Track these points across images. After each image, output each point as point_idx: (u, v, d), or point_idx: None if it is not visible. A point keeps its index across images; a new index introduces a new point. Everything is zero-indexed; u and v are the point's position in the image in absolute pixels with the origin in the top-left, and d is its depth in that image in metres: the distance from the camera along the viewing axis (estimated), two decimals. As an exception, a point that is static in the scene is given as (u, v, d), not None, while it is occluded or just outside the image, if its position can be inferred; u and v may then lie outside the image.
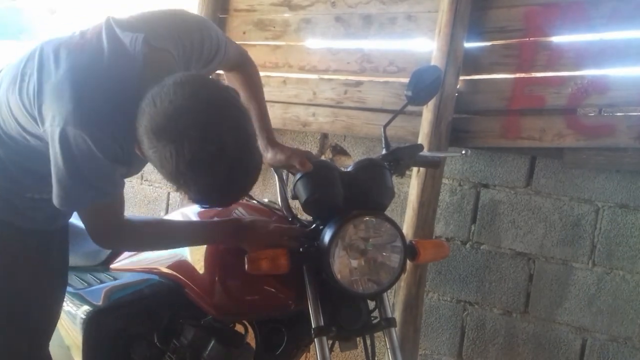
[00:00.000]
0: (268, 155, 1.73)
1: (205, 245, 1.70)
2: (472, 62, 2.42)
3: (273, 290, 1.65)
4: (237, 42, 1.83)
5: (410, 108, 1.90)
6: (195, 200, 1.39)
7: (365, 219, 1.52)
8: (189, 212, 1.84)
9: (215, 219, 1.73)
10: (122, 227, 1.53)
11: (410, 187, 2.45)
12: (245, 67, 1.81)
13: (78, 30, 1.48)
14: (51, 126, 1.34)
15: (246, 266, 1.50)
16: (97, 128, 1.34)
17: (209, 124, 1.21)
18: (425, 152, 1.94)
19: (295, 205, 1.71)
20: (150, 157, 1.26)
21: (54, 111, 1.34)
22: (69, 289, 1.96)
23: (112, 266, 1.99)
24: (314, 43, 2.81)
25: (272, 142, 1.76)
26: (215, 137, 1.20)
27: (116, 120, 1.34)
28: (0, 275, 1.59)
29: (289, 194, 1.66)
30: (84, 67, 1.38)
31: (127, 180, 1.54)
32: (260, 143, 1.75)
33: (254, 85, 1.82)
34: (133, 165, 1.50)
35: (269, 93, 2.64)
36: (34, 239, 1.61)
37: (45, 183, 1.45)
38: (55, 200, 1.42)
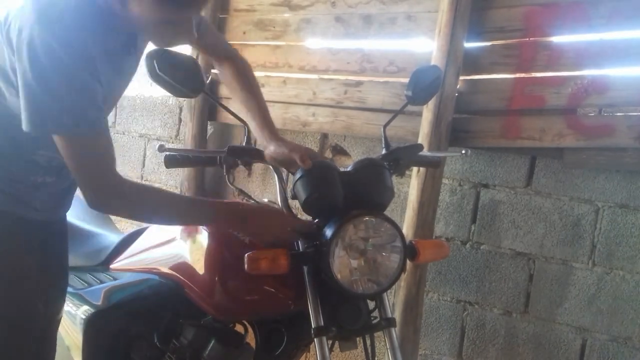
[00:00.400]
0: (270, 148, 1.69)
1: (205, 245, 1.70)
2: (472, 62, 2.42)
3: (273, 290, 1.65)
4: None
5: (410, 108, 1.90)
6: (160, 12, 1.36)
7: (365, 219, 1.52)
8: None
9: None
10: (112, 179, 1.43)
11: (410, 187, 2.45)
12: (237, 61, 1.81)
13: None
14: (17, 42, 1.32)
15: (246, 266, 1.50)
16: (65, 31, 1.31)
17: None
18: (425, 152, 1.94)
19: (295, 205, 1.71)
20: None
21: (19, 26, 1.32)
22: (69, 289, 1.97)
23: (112, 266, 1.99)
24: (314, 43, 2.82)
25: (275, 136, 1.73)
26: None
27: (84, 29, 1.34)
28: (4, 264, 1.56)
29: (289, 194, 1.66)
30: None
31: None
32: (263, 137, 1.74)
33: (250, 78, 1.82)
34: (110, 91, 1.46)
35: (269, 93, 2.65)
36: (37, 229, 1.59)
37: (36, 157, 1.42)
38: (26, 125, 1.34)
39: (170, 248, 1.82)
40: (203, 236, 1.72)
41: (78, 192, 1.53)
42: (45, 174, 1.56)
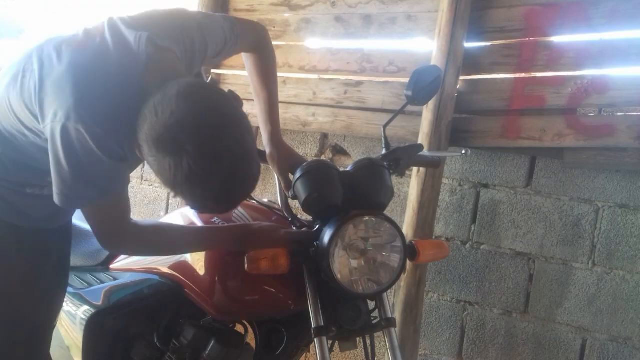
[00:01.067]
0: (267, 151, 1.73)
1: (207, 250, 1.70)
2: (472, 62, 2.41)
3: (273, 290, 1.65)
4: (253, 21, 1.80)
5: (410, 108, 1.90)
6: (191, 207, 1.40)
7: (365, 219, 1.52)
8: (189, 212, 1.84)
9: (215, 219, 1.73)
10: (128, 230, 1.50)
11: (410, 187, 2.45)
12: (261, 51, 1.78)
13: (81, 29, 1.48)
14: (52, 122, 1.34)
15: (246, 266, 1.50)
16: (97, 125, 1.33)
17: (207, 140, 1.23)
18: (425, 152, 1.94)
19: (295, 205, 1.71)
20: (150, 163, 1.28)
21: (56, 107, 1.33)
22: (69, 289, 1.97)
23: (112, 266, 1.99)
24: (314, 43, 2.81)
25: (274, 139, 1.75)
26: (213, 153, 1.23)
27: (117, 117, 1.34)
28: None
29: (289, 194, 1.66)
30: (87, 63, 1.37)
31: (127, 180, 1.54)
32: (263, 137, 1.75)
33: (267, 72, 1.80)
34: (132, 164, 1.50)
35: (269, 93, 2.64)
36: (30, 237, 1.60)
37: (45, 178, 1.44)
38: (55, 198, 1.40)
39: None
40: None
41: None
42: (43, 189, 1.57)
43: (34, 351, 1.66)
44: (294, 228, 1.69)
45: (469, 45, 2.40)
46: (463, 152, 1.92)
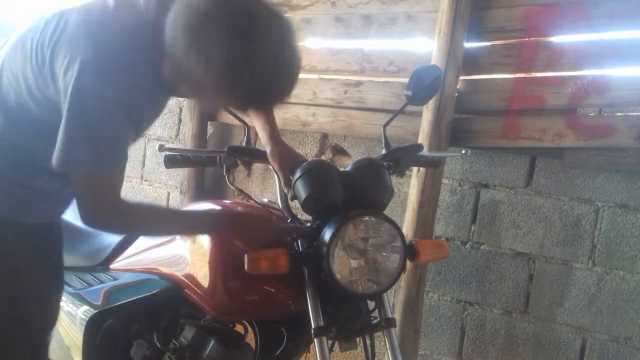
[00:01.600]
0: (268, 149, 1.73)
1: (205, 245, 1.70)
2: (472, 62, 2.41)
3: (273, 290, 1.65)
4: None
5: (410, 108, 1.89)
6: (248, 98, 1.32)
7: (364, 219, 1.52)
8: (189, 212, 1.84)
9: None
10: (118, 206, 1.44)
11: (410, 187, 2.45)
12: None
13: (73, 3, 1.46)
14: (64, 77, 1.30)
15: (246, 266, 1.50)
16: (116, 76, 1.30)
17: (259, 10, 1.21)
18: (425, 152, 1.94)
19: (295, 205, 1.71)
20: (191, 63, 1.22)
21: (69, 60, 1.30)
22: (69, 289, 1.97)
23: (112, 266, 1.99)
24: (314, 43, 2.81)
25: (274, 138, 1.75)
26: (266, 22, 1.21)
27: (133, 69, 1.32)
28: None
29: (289, 193, 1.66)
30: (96, 19, 1.35)
31: (127, 181, 1.53)
32: (262, 137, 1.75)
33: None
34: (140, 128, 1.46)
35: (269, 93, 2.64)
36: (30, 235, 1.56)
37: (45, 164, 1.40)
38: (54, 156, 1.34)
39: (170, 248, 1.82)
40: (203, 236, 1.71)
41: None
42: (51, 180, 1.53)
43: (35, 353, 1.64)
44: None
45: (469, 45, 2.40)
46: (463, 152, 1.92)
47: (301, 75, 2.90)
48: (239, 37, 1.19)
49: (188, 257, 1.75)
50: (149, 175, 3.39)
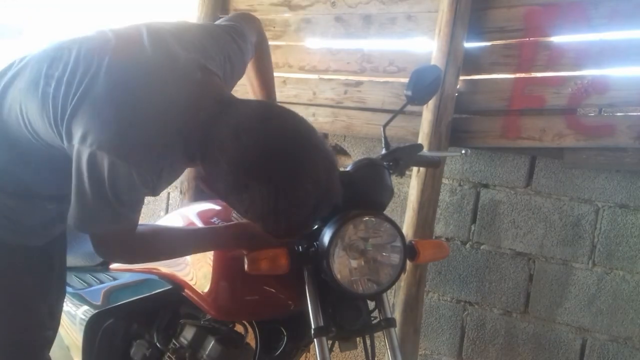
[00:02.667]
0: None
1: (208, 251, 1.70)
2: (472, 62, 2.41)
3: (273, 290, 1.64)
4: (247, 18, 1.75)
5: (410, 108, 1.89)
6: (280, 234, 1.34)
7: (364, 219, 1.52)
8: (188, 212, 1.84)
9: (215, 219, 1.73)
10: (134, 245, 1.42)
11: (410, 187, 2.45)
12: (259, 52, 1.75)
13: (109, 32, 1.37)
14: (80, 144, 1.23)
15: (246, 266, 1.49)
16: (140, 157, 1.24)
17: (304, 160, 1.21)
18: (425, 151, 1.94)
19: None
20: (231, 199, 1.24)
21: (87, 129, 1.22)
22: (69, 289, 1.97)
23: (111, 266, 1.99)
24: (314, 43, 2.81)
25: None
26: (310, 165, 1.21)
27: (160, 153, 1.27)
28: (4, 296, 1.52)
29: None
30: (124, 79, 1.26)
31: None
32: None
33: (266, 71, 1.81)
34: (158, 190, 1.41)
35: (268, 93, 2.64)
36: (37, 255, 1.53)
37: (44, 192, 1.39)
38: (71, 220, 1.31)
39: (170, 248, 1.81)
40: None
41: None
42: (50, 204, 1.51)
43: (44, 353, 1.63)
44: None
45: (469, 45, 2.40)
46: (463, 152, 1.92)
47: (301, 75, 2.93)
48: (284, 196, 1.19)
49: (188, 257, 1.75)
50: (149, 175, 3.38)
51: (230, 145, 1.20)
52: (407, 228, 2.41)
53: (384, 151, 1.78)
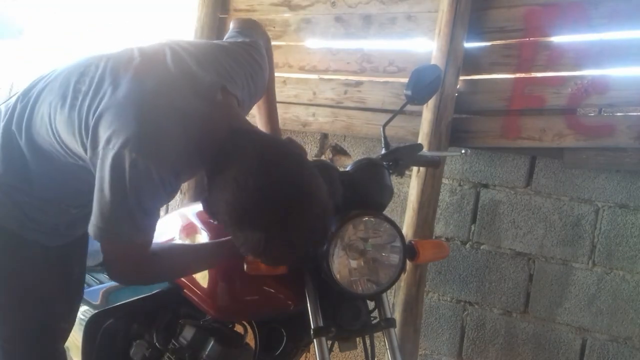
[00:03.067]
0: None
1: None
2: (472, 62, 2.41)
3: (272, 290, 1.64)
4: (257, 31, 1.75)
5: (410, 108, 1.90)
6: (274, 266, 1.46)
7: (364, 219, 1.52)
8: (189, 212, 1.84)
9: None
10: (147, 263, 1.43)
11: (410, 187, 2.45)
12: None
13: (135, 49, 1.43)
14: (104, 149, 1.26)
15: (245, 267, 1.49)
16: (161, 156, 1.28)
17: (298, 213, 1.24)
18: (425, 151, 1.94)
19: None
20: (233, 232, 1.29)
21: (111, 133, 1.26)
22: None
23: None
24: (314, 43, 2.81)
25: None
26: (304, 224, 1.26)
27: (179, 155, 1.31)
28: (24, 293, 1.55)
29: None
30: (149, 92, 1.31)
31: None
32: None
33: (269, 81, 1.81)
34: (174, 194, 1.43)
35: (268, 93, 2.64)
36: (57, 254, 1.57)
37: (74, 197, 1.42)
38: (91, 229, 1.33)
39: (170, 248, 1.82)
40: (202, 236, 1.71)
41: None
42: (75, 209, 1.54)
43: (59, 346, 1.67)
44: None
45: (469, 45, 2.40)
46: (463, 152, 1.92)
47: (301, 75, 2.93)
48: (271, 244, 1.25)
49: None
50: (149, 175, 3.38)
51: (229, 187, 1.24)
52: (407, 228, 2.41)
53: (384, 151, 1.78)
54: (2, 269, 1.52)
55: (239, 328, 1.81)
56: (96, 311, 1.88)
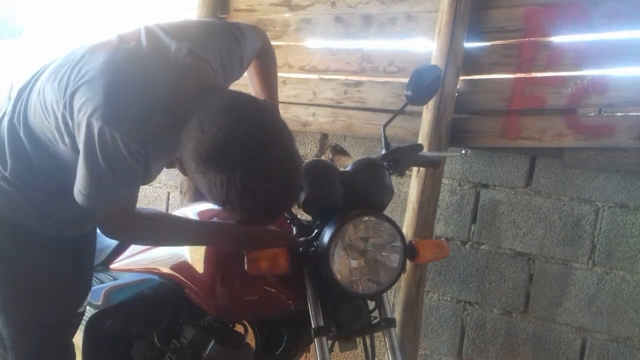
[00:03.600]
0: None
1: (205, 246, 1.70)
2: (472, 62, 2.41)
3: (273, 290, 1.65)
4: (253, 27, 1.78)
5: (410, 108, 1.89)
6: (239, 220, 1.43)
7: (364, 219, 1.52)
8: (189, 212, 1.84)
9: (215, 219, 1.73)
10: (132, 223, 1.52)
11: (410, 187, 2.45)
12: (263, 57, 1.81)
13: (115, 34, 1.49)
14: (77, 117, 1.35)
15: (246, 266, 1.50)
16: (126, 124, 1.33)
17: (259, 154, 1.24)
18: (425, 152, 1.94)
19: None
20: (196, 181, 1.28)
21: (84, 101, 1.34)
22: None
23: (112, 266, 1.99)
24: (314, 43, 2.82)
25: None
26: (265, 166, 1.24)
27: (145, 123, 1.35)
28: (35, 285, 1.60)
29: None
30: (119, 63, 1.38)
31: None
32: None
33: (269, 76, 1.84)
34: (151, 172, 1.48)
35: (269, 93, 2.64)
36: (66, 246, 1.63)
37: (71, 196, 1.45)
38: (76, 194, 1.41)
39: (170, 248, 1.82)
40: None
41: None
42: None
43: (68, 338, 1.73)
44: (294, 228, 1.68)
45: (469, 45, 2.40)
46: (463, 152, 1.92)
47: (301, 75, 2.93)
48: (232, 187, 1.23)
49: (188, 257, 1.75)
50: (149, 175, 3.38)
51: (193, 132, 1.26)
52: (407, 228, 2.41)
53: (384, 151, 1.78)
54: (14, 261, 1.58)
55: (239, 328, 1.81)
56: (97, 311, 1.88)
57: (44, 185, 1.54)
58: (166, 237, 1.64)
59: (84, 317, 1.90)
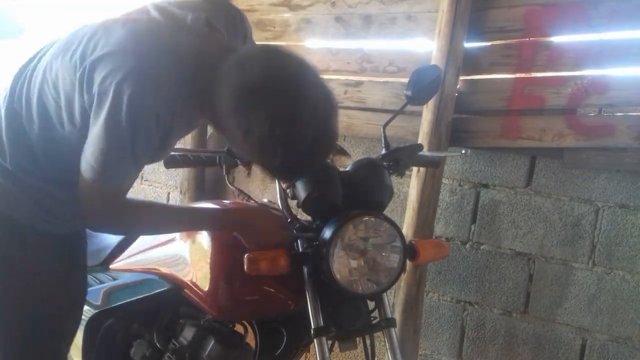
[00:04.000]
0: None
1: (205, 246, 1.70)
2: (472, 62, 2.41)
3: (273, 290, 1.64)
4: None
5: (410, 108, 1.89)
6: (277, 170, 1.37)
7: (364, 219, 1.52)
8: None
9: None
10: (123, 210, 1.44)
11: (410, 187, 2.45)
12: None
13: (119, 14, 1.47)
14: (102, 85, 1.30)
15: (245, 267, 1.49)
16: (158, 91, 1.31)
17: (303, 86, 1.24)
18: (425, 151, 1.94)
19: (295, 205, 1.70)
20: (232, 124, 1.26)
21: (109, 70, 1.30)
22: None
23: (111, 266, 1.99)
24: (314, 43, 2.82)
25: None
26: (310, 97, 1.24)
27: (173, 88, 1.33)
28: (33, 283, 1.54)
29: (289, 193, 1.66)
30: (143, 34, 1.36)
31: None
32: None
33: None
34: (165, 147, 1.45)
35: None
36: (61, 244, 1.57)
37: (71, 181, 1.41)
38: (85, 168, 1.35)
39: (170, 248, 1.82)
40: (203, 236, 1.71)
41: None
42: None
43: (64, 346, 1.67)
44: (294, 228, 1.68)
45: (469, 45, 2.40)
46: (463, 152, 1.92)
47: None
48: (282, 122, 1.21)
49: (188, 257, 1.75)
50: (149, 175, 3.39)
51: (234, 73, 1.25)
52: (407, 228, 2.41)
53: (384, 151, 1.78)
54: (12, 260, 1.52)
55: (239, 328, 1.81)
56: (96, 311, 1.89)
57: (45, 172, 1.48)
58: (154, 223, 1.56)
59: (84, 317, 1.91)
